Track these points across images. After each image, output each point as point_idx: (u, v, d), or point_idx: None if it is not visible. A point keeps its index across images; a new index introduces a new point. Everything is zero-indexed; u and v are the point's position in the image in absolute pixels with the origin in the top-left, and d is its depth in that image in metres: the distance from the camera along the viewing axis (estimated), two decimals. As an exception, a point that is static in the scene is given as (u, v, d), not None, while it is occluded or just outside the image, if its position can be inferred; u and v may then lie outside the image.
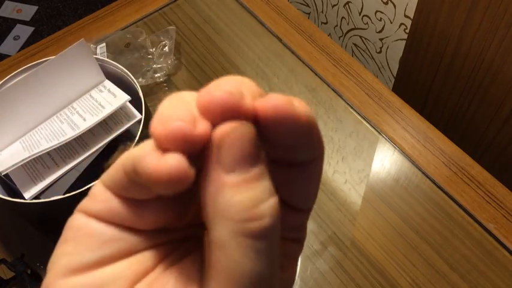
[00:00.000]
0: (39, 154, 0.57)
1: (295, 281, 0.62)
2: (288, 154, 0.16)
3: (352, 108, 0.79)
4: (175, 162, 0.15)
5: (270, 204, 0.15)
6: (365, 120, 0.77)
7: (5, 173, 0.57)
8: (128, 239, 0.17)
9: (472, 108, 1.00)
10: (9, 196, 0.54)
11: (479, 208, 0.69)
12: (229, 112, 0.15)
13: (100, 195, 0.17)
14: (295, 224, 0.19)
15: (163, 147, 0.15)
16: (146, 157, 0.15)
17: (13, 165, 0.56)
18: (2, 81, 0.62)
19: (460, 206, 0.69)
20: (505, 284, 0.63)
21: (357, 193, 0.71)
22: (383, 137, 0.76)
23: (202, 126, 0.15)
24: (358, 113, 0.78)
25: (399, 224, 0.68)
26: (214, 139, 0.14)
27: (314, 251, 0.66)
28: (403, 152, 0.74)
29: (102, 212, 0.17)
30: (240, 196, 0.14)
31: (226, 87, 0.15)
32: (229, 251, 0.14)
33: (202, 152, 0.15)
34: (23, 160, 0.56)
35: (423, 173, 0.72)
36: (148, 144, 0.15)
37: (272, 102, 0.15)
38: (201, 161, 0.15)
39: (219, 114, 0.15)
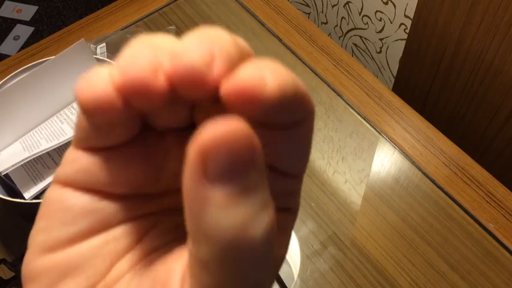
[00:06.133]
0: (39, 154, 0.57)
1: (295, 281, 0.62)
2: (267, 120, 0.14)
3: (352, 108, 0.79)
4: (100, 88, 0.14)
5: (264, 220, 0.12)
6: (365, 120, 0.77)
7: (5, 173, 0.57)
8: (103, 210, 0.16)
9: (472, 108, 1.00)
10: (9, 196, 0.54)
11: (479, 208, 0.69)
12: (194, 86, 0.13)
13: (69, 156, 0.16)
14: (285, 191, 0.16)
15: (120, 90, 0.14)
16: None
17: (13, 165, 0.56)
18: (2, 81, 0.62)
19: (460, 206, 0.69)
20: (505, 284, 0.63)
21: (357, 193, 0.71)
22: (383, 137, 0.76)
23: (162, 86, 0.13)
24: (358, 113, 0.78)
25: (399, 223, 0.68)
26: (198, 146, 0.12)
27: (314, 251, 0.66)
28: (403, 152, 0.74)
29: (73, 175, 0.16)
30: (228, 216, 0.12)
31: (196, 55, 0.13)
32: (213, 272, 0.13)
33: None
34: (23, 160, 0.56)
35: (423, 173, 0.72)
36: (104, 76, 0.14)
37: (237, 85, 0.13)
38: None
39: (182, 85, 0.13)
